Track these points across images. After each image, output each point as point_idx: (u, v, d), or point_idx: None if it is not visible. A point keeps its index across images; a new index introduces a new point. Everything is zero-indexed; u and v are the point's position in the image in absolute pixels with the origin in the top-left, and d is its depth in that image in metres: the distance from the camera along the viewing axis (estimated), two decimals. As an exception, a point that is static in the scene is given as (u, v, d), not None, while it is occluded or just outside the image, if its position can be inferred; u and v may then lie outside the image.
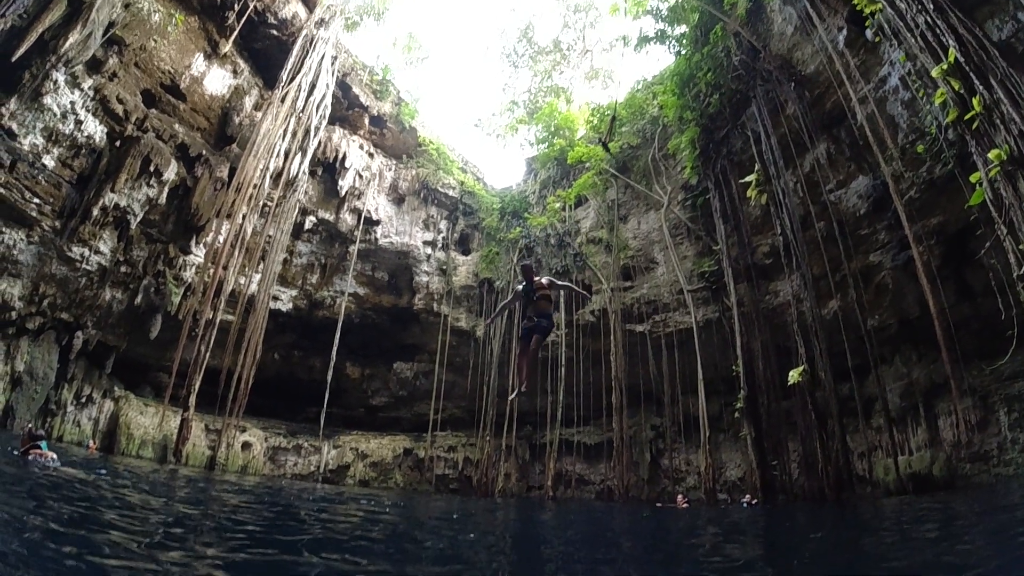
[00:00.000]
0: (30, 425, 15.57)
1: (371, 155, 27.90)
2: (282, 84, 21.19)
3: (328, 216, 26.11)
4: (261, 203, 21.54)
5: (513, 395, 8.79)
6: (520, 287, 8.62)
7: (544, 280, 8.61)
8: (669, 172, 24.04)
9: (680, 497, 20.98)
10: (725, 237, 19.90)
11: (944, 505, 11.18)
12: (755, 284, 19.26)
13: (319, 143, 24.36)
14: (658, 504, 21.31)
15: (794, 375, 16.01)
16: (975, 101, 8.56)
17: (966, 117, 8.85)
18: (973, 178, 9.27)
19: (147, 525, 5.64)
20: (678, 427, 23.13)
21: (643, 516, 14.56)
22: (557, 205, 27.73)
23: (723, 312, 21.34)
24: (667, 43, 22.57)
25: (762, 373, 17.85)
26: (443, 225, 29.82)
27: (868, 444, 17.26)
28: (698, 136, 20.68)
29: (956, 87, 8.93)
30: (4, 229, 16.25)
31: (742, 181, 18.64)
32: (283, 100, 20.96)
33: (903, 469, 14.80)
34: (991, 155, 8.35)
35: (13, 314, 17.56)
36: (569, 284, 9.96)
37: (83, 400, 20.52)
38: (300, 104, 21.92)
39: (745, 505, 17.13)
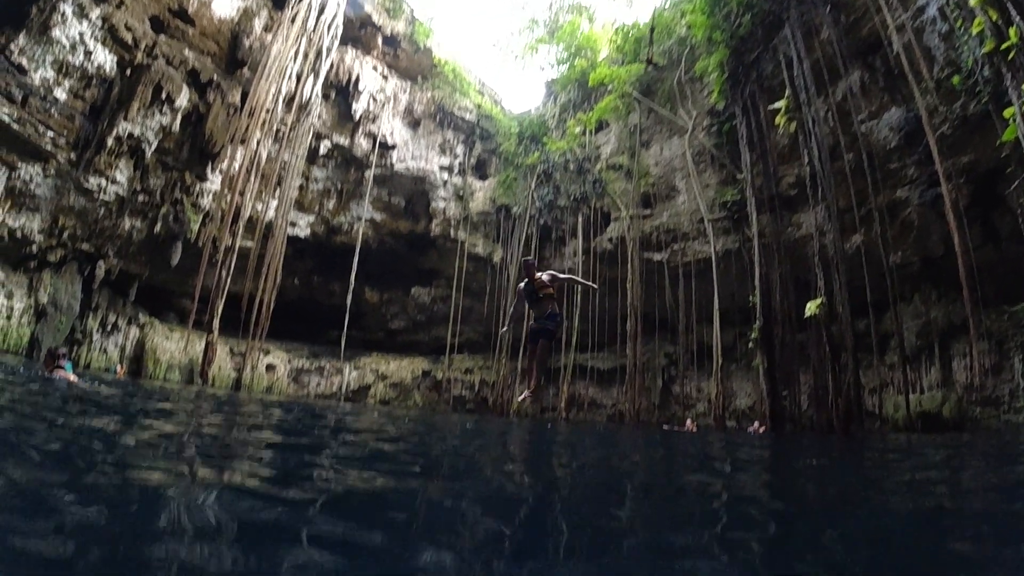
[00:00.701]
0: (52, 346, 16.21)
1: (385, 77, 27.06)
2: (291, 3, 20.30)
3: (343, 141, 25.72)
4: (275, 128, 21.19)
5: (521, 397, 8.46)
6: (522, 285, 8.21)
7: (545, 277, 8.13)
8: (695, 96, 23.08)
9: (689, 421, 21.58)
10: (750, 165, 19.33)
11: (953, 441, 11.37)
12: (778, 215, 18.90)
13: (331, 65, 23.63)
14: (665, 426, 21.96)
15: (811, 307, 15.99)
16: (1012, 32, 8.35)
17: (1002, 47, 8.71)
18: (1007, 113, 9.15)
19: (181, 426, 5.97)
20: (691, 355, 23.43)
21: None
22: (577, 129, 26.93)
23: (743, 243, 21.06)
24: (699, -44, 21.08)
25: (779, 304, 17.84)
26: (460, 150, 29.24)
27: (880, 380, 17.40)
28: (727, 59, 19.65)
29: (994, 17, 8.72)
30: (20, 164, 16.32)
31: (771, 107, 17.90)
32: (293, 20, 20.15)
33: (913, 407, 14.96)
34: (1026, 86, 8.11)
35: (34, 247, 17.94)
36: (572, 276, 9.09)
37: (108, 328, 21.20)
38: (311, 24, 21.08)
39: (752, 432, 17.58)
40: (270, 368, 26.04)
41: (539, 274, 8.15)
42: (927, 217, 15.66)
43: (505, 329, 9.67)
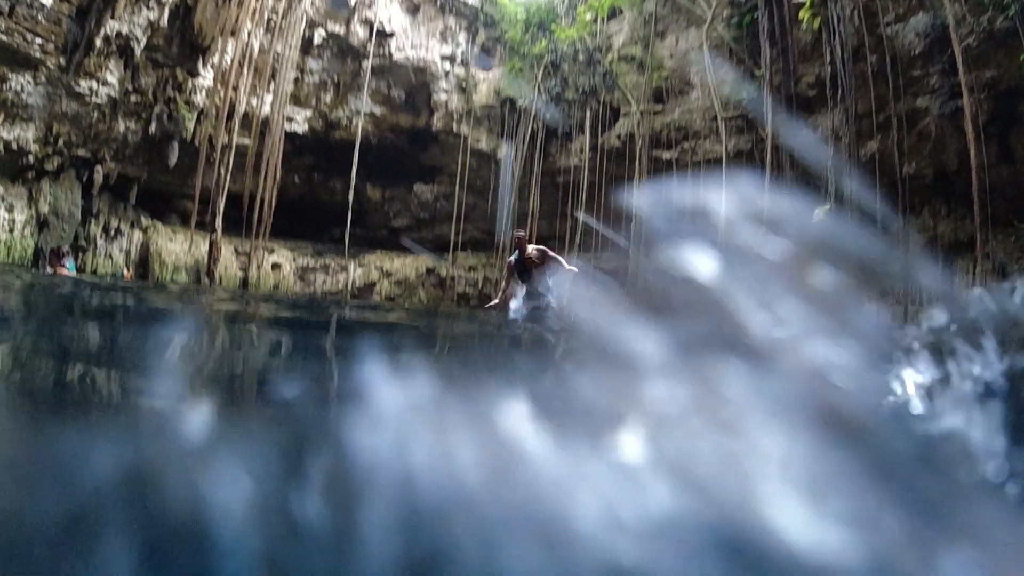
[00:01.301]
0: (55, 245, 16.46)
1: (381, -46, 24.99)
2: None
3: (338, 29, 24.21)
4: (266, 17, 20.02)
5: None
6: (512, 259, 8.16)
7: (534, 253, 7.97)
8: (715, -17, 21.43)
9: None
10: (769, 63, 18.45)
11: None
12: (795, 116, 18.29)
13: (322, -57, 21.80)
14: None
15: (819, 214, 15.87)
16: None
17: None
18: (1031, 29, 8.62)
19: (195, 297, 6.31)
20: (695, 257, 23.50)
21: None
22: (588, 16, 25.27)
23: (756, 144, 20.54)
24: None
25: (787, 210, 17.71)
26: (462, 37, 27.53)
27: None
28: (753, -59, 18.13)
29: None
30: (9, 75, 15.69)
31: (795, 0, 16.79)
32: None
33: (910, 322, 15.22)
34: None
35: (30, 158, 17.57)
36: (558, 258, 8.19)
37: (112, 233, 21.07)
38: None
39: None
40: (276, 267, 26.28)
41: (530, 247, 8.18)
42: (945, 129, 15.24)
43: (496, 301, 9.07)
